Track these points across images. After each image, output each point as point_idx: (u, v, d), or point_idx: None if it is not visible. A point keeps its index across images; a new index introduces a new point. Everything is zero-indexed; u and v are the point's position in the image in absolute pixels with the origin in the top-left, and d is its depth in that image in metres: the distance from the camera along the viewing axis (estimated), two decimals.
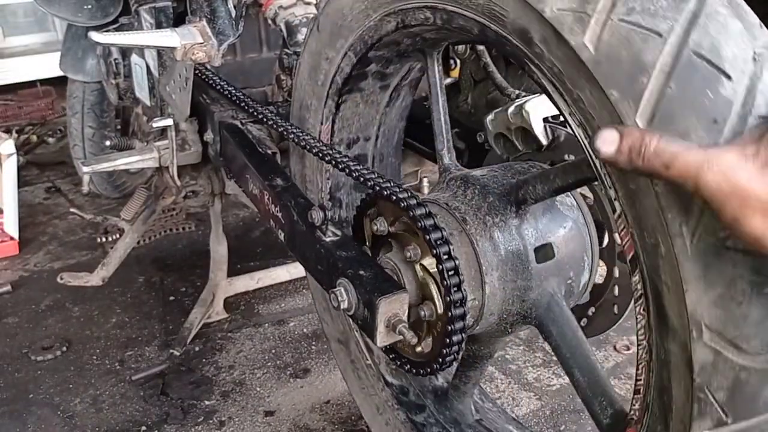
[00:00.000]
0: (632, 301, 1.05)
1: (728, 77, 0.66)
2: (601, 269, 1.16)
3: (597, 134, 0.68)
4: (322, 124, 1.37)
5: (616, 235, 1.12)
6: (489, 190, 1.08)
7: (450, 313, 1.00)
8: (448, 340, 1.01)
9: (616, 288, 1.17)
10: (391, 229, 1.11)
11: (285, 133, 1.36)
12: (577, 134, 0.80)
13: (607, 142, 0.68)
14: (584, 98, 0.76)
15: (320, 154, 1.25)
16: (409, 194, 1.05)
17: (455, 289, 0.99)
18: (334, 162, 1.22)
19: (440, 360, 1.05)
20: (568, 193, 1.11)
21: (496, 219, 1.06)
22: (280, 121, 1.40)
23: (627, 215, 0.76)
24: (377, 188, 1.09)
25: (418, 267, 1.06)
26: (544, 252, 1.06)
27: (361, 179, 1.13)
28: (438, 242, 1.00)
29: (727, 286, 0.68)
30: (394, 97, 1.40)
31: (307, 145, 1.29)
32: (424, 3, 1.02)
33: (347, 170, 1.18)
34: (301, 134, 1.32)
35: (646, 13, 0.70)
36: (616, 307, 1.18)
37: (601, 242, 1.14)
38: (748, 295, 0.67)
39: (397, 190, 1.06)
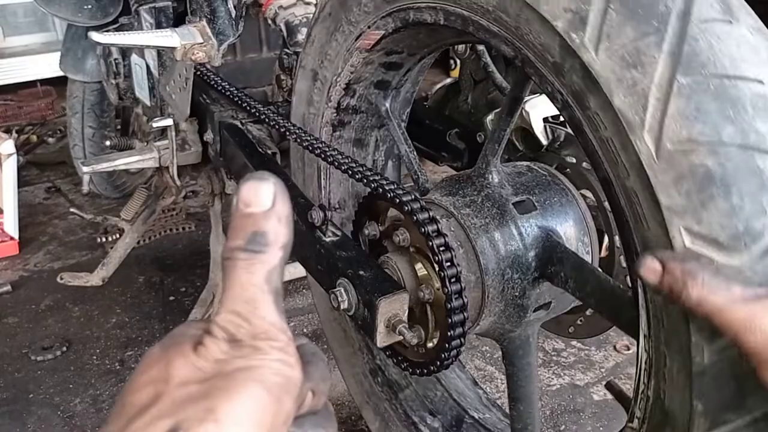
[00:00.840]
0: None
1: None
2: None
3: (642, 259, 0.68)
4: None
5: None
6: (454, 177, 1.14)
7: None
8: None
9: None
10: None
11: (286, 133, 1.36)
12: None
13: (650, 271, 0.67)
14: None
15: (322, 154, 1.25)
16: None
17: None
18: (334, 161, 1.22)
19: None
20: (572, 193, 1.12)
21: (467, 189, 1.10)
22: (280, 120, 1.40)
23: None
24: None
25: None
26: (524, 206, 1.08)
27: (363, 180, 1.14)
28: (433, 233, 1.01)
29: None
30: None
31: (307, 144, 1.29)
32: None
33: (348, 170, 1.18)
34: (301, 134, 1.32)
35: None
36: None
37: (600, 247, 1.14)
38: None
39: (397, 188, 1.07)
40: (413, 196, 1.04)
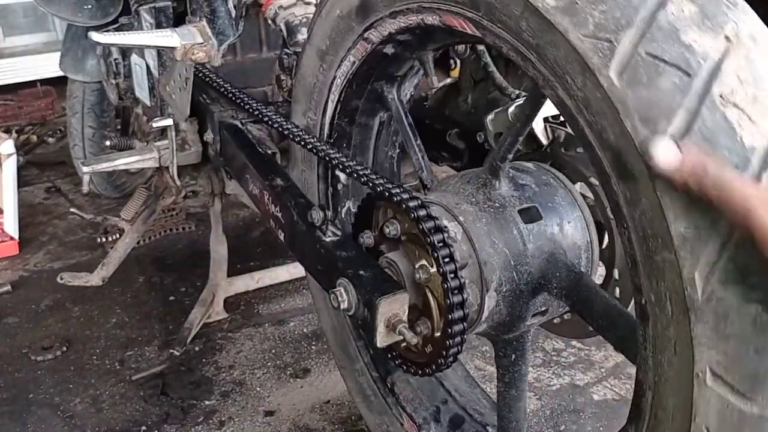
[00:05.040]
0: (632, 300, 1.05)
1: None
2: (601, 269, 1.16)
3: (654, 142, 0.66)
4: None
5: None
6: (465, 176, 1.15)
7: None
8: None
9: (617, 290, 1.17)
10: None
11: (286, 132, 1.36)
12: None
13: (666, 153, 0.65)
14: None
15: (321, 154, 1.25)
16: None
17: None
18: (334, 160, 1.22)
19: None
20: (570, 191, 1.12)
21: (476, 194, 1.10)
22: (280, 120, 1.40)
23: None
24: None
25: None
26: (530, 214, 1.08)
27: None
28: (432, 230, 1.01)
29: None
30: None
31: (307, 144, 1.29)
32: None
33: (347, 169, 1.18)
34: (302, 134, 1.33)
35: None
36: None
37: (601, 243, 1.14)
38: None
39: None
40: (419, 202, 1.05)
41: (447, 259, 1.00)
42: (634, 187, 0.73)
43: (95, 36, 1.58)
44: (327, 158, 1.24)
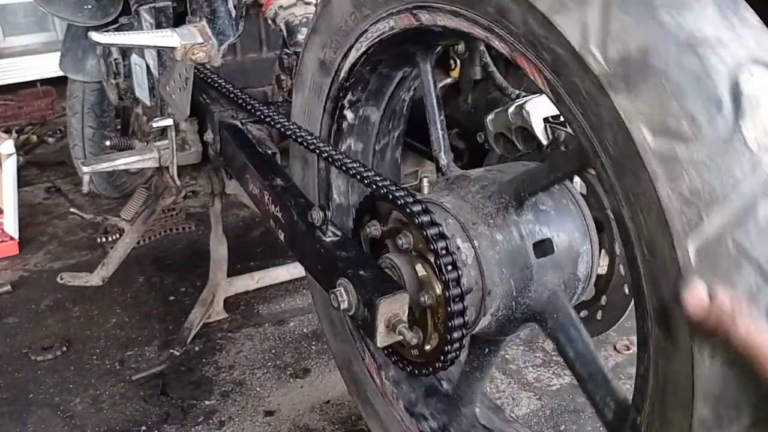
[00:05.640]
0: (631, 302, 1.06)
1: None
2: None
3: (686, 283, 0.65)
4: None
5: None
6: (487, 188, 1.10)
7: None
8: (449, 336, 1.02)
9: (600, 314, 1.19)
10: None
11: (286, 132, 1.36)
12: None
13: (697, 301, 0.64)
14: None
15: (323, 155, 1.25)
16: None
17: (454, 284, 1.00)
18: (334, 160, 1.22)
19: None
20: (564, 187, 1.11)
21: (495, 216, 1.07)
22: (281, 120, 1.40)
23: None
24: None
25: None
26: (543, 248, 1.07)
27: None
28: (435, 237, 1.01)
29: None
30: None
31: (309, 145, 1.29)
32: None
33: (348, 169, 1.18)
34: (303, 134, 1.33)
35: None
36: (625, 287, 1.16)
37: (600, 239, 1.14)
38: None
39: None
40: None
41: (454, 283, 1.01)
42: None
43: (95, 36, 1.58)
44: (330, 159, 1.24)
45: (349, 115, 1.40)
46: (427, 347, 1.08)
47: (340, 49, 1.28)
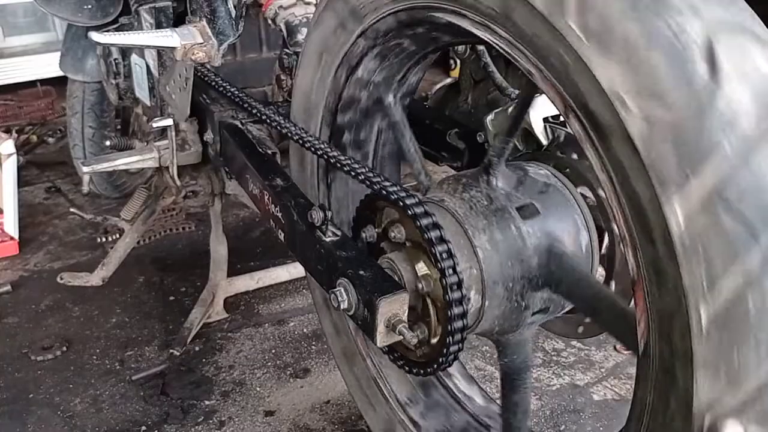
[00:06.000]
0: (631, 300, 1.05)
1: None
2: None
3: (721, 423, 0.67)
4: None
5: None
6: (461, 176, 1.16)
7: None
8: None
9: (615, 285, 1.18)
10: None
11: (286, 132, 1.36)
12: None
13: None
14: None
15: (323, 155, 1.25)
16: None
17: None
18: (334, 161, 1.22)
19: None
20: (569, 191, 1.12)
21: (472, 192, 1.11)
22: (280, 120, 1.40)
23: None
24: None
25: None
26: (528, 210, 1.09)
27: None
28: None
29: None
30: (376, 165, 1.44)
31: (307, 144, 1.29)
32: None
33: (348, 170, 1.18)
34: (303, 135, 1.33)
35: None
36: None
37: (601, 245, 1.14)
38: None
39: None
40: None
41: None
42: None
43: (95, 36, 1.58)
44: (330, 160, 1.24)
45: None
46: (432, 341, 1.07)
47: None
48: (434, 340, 1.06)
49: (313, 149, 1.28)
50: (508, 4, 0.85)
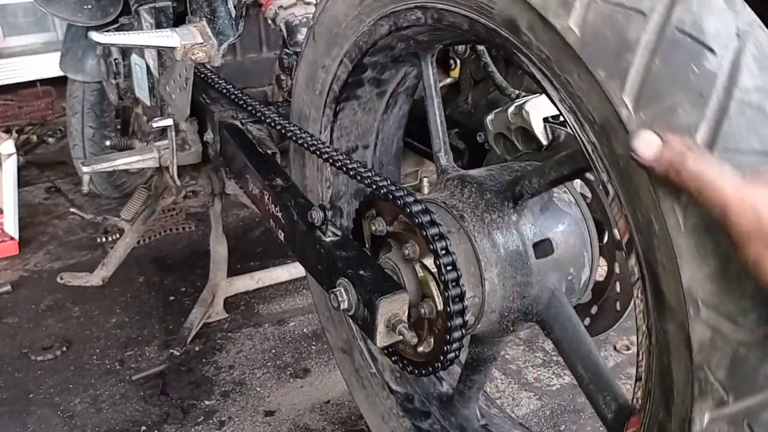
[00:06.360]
0: (632, 300, 1.05)
1: (712, 51, 0.66)
2: (602, 269, 1.17)
3: (636, 134, 0.66)
4: (320, 133, 1.38)
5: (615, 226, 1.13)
6: (486, 188, 1.09)
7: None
8: (448, 337, 1.02)
9: (617, 285, 1.17)
10: (390, 229, 1.12)
11: (286, 132, 1.36)
12: (568, 121, 0.81)
13: (647, 145, 0.65)
14: (572, 82, 0.77)
15: (323, 155, 1.25)
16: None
17: (454, 284, 1.00)
18: (332, 161, 1.22)
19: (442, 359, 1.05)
20: (566, 189, 1.11)
21: (494, 216, 1.06)
22: (280, 120, 1.40)
23: (620, 196, 0.77)
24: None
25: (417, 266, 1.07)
26: (543, 248, 1.07)
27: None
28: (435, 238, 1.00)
29: (721, 260, 0.67)
30: (391, 104, 1.40)
31: (306, 144, 1.29)
32: (415, 3, 1.03)
33: (347, 170, 1.18)
34: (303, 135, 1.32)
35: None
36: (618, 304, 1.17)
37: (601, 240, 1.14)
38: (743, 269, 0.66)
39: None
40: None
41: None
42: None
43: (95, 36, 1.58)
44: (330, 161, 1.24)
45: None
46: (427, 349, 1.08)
47: None
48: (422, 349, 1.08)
49: (317, 153, 1.27)
50: None
